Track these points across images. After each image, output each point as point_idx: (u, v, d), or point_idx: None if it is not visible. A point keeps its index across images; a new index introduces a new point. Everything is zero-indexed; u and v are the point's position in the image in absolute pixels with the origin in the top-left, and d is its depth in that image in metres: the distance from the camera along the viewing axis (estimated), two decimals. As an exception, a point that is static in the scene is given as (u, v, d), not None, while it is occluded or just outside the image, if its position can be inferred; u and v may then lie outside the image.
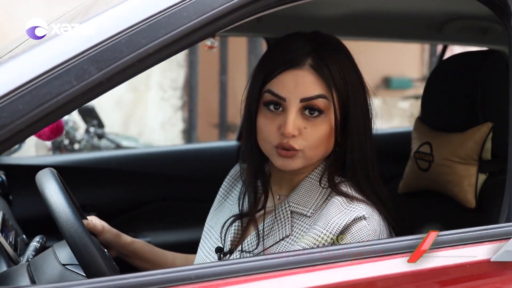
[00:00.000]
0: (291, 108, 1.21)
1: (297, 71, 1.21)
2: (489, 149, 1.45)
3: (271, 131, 1.23)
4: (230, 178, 1.45)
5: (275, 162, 1.25)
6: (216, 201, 1.45)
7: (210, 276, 0.94)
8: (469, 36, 2.22)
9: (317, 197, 1.26)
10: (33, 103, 0.91)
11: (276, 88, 1.22)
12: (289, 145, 1.21)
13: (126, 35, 0.97)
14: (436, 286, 1.01)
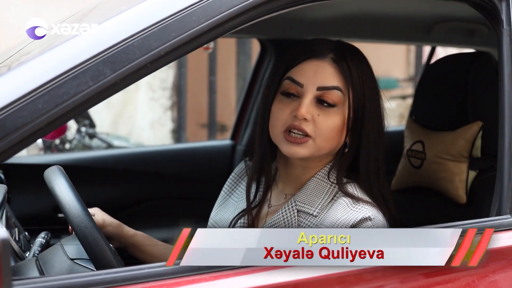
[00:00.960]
0: (307, 94, 1.24)
1: (318, 61, 1.26)
2: (479, 147, 1.51)
3: (283, 115, 1.25)
4: (235, 175, 1.46)
5: (282, 148, 1.26)
6: (221, 197, 1.46)
7: (218, 267, 0.99)
8: (457, 38, 2.29)
9: (324, 196, 1.27)
10: (51, 103, 0.96)
11: (296, 75, 1.26)
12: (300, 127, 1.23)
13: (138, 38, 1.02)
14: (422, 277, 1.06)
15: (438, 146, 1.57)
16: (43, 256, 1.33)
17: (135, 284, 0.95)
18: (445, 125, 1.59)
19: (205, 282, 0.98)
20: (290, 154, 1.25)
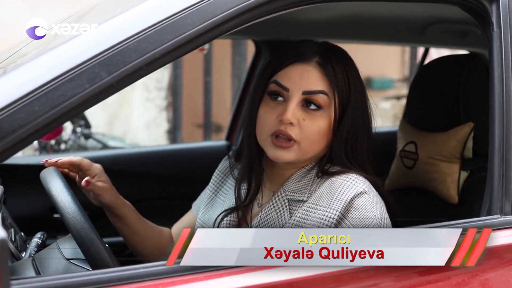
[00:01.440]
0: (293, 98, 1.26)
1: (304, 65, 1.28)
2: (470, 148, 1.53)
3: (270, 119, 1.27)
4: (219, 173, 1.46)
5: (269, 153, 1.28)
6: (207, 197, 1.46)
7: (214, 266, 1.00)
8: (450, 39, 2.31)
9: (311, 183, 1.28)
10: (48, 105, 0.97)
11: (282, 79, 1.28)
12: (286, 132, 1.24)
13: (134, 40, 1.03)
14: (416, 276, 1.08)
15: (431, 147, 1.59)
16: (40, 256, 1.34)
17: (131, 284, 0.96)
18: (437, 126, 1.61)
19: (200, 281, 0.99)
20: (276, 158, 1.27)
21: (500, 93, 1.21)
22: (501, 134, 1.19)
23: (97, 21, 1.09)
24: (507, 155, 1.18)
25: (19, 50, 1.34)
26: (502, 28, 1.23)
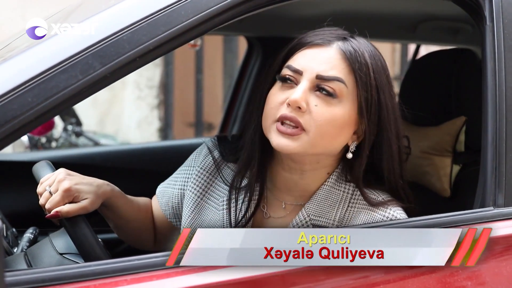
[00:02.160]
0: (305, 80, 1.12)
1: (322, 48, 1.14)
2: (462, 142, 1.54)
3: (277, 102, 1.13)
4: (204, 172, 1.28)
5: (272, 141, 1.13)
6: (191, 201, 1.28)
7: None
8: (441, 36, 2.33)
9: (339, 205, 1.18)
10: (41, 96, 0.97)
11: (295, 62, 1.15)
12: (292, 117, 1.10)
13: (127, 32, 1.03)
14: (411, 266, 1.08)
15: (423, 141, 1.59)
16: (32, 250, 1.34)
17: (125, 275, 0.96)
18: (430, 121, 1.62)
19: (192, 274, 0.99)
20: (278, 147, 1.12)
21: (493, 87, 1.22)
22: (494, 128, 1.20)
23: (88, 15, 1.09)
24: (499, 148, 1.19)
25: (10, 43, 1.34)
26: (494, 22, 1.24)
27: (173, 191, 1.33)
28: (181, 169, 1.34)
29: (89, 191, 1.22)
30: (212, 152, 1.28)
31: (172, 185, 1.35)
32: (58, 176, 1.21)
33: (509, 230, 1.15)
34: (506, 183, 1.17)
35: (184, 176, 1.32)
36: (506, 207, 1.16)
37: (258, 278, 1.01)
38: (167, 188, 1.36)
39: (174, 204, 1.34)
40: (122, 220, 1.35)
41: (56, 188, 1.19)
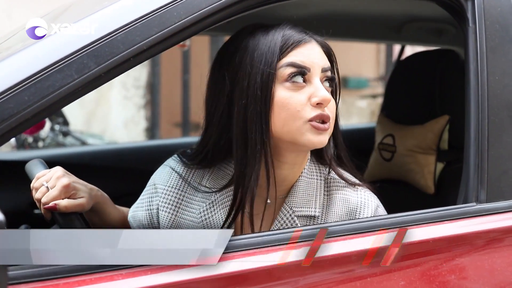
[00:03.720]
0: (316, 76, 1.17)
1: (310, 44, 1.20)
2: (446, 140, 1.58)
3: (301, 104, 1.15)
4: (172, 189, 1.27)
5: (309, 139, 1.15)
6: (166, 220, 1.27)
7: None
8: (426, 37, 2.36)
9: (316, 193, 1.22)
10: (37, 95, 0.98)
11: (299, 59, 1.17)
12: (327, 116, 1.15)
13: (122, 32, 1.05)
14: (403, 259, 1.11)
15: (408, 140, 1.63)
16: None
17: (120, 270, 0.98)
18: (414, 119, 1.65)
19: (188, 268, 1.01)
20: (319, 144, 1.16)
21: (475, 87, 1.25)
22: (476, 126, 1.24)
23: (82, 16, 1.10)
24: (482, 146, 1.22)
25: (5, 41, 1.35)
26: (477, 24, 1.28)
27: (142, 214, 1.33)
28: (145, 191, 1.35)
29: (85, 191, 1.24)
30: (175, 169, 1.28)
31: (140, 208, 1.34)
32: (56, 173, 1.22)
33: (491, 225, 1.19)
34: (488, 179, 1.21)
35: (148, 197, 1.32)
36: (488, 202, 1.20)
37: (245, 273, 1.03)
38: (136, 212, 1.36)
39: (145, 226, 1.34)
40: (108, 227, 1.36)
41: (54, 184, 1.20)
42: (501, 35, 1.28)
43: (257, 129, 1.16)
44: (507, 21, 1.29)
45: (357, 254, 1.09)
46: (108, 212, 1.34)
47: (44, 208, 1.19)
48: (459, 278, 1.13)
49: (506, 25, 1.29)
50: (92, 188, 1.29)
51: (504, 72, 1.26)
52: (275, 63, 1.16)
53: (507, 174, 1.23)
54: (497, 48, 1.27)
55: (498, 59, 1.26)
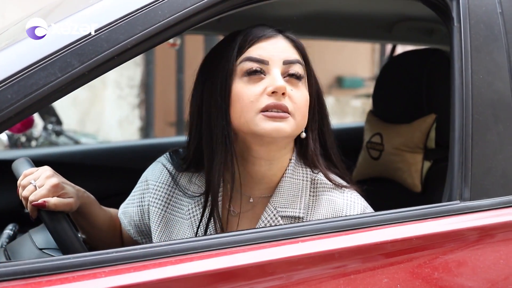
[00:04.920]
0: (275, 68, 1.18)
1: (274, 39, 1.22)
2: (433, 139, 1.59)
3: (254, 94, 1.16)
4: (163, 185, 1.29)
5: (263, 128, 1.14)
6: (156, 215, 1.29)
7: (184, 250, 1.03)
8: (417, 37, 2.38)
9: (301, 193, 1.23)
10: (21, 93, 0.98)
11: (257, 53, 1.19)
12: (280, 105, 1.14)
13: (106, 31, 1.05)
14: (381, 258, 1.12)
15: (396, 138, 1.64)
16: (12, 246, 1.35)
17: (103, 267, 0.98)
18: (402, 118, 1.66)
19: (171, 265, 1.01)
20: (276, 132, 1.15)
21: (460, 85, 1.26)
22: (461, 125, 1.24)
23: (67, 14, 1.10)
24: (466, 144, 1.23)
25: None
26: (462, 23, 1.29)
27: (133, 209, 1.35)
28: (136, 187, 1.37)
29: (73, 192, 1.25)
30: (166, 167, 1.30)
31: (131, 204, 1.37)
32: (45, 172, 1.22)
33: (474, 223, 1.20)
34: (472, 177, 1.21)
35: (140, 193, 1.34)
36: (472, 200, 1.21)
37: (237, 269, 1.04)
38: (127, 208, 1.38)
39: (136, 222, 1.36)
40: (95, 229, 1.37)
41: (42, 183, 1.20)
42: (486, 34, 1.29)
43: (219, 123, 1.19)
44: (491, 20, 1.30)
45: (341, 252, 1.10)
46: (94, 214, 1.35)
47: (33, 205, 1.19)
48: (442, 275, 1.13)
49: (490, 25, 1.29)
50: (79, 189, 1.30)
51: (489, 71, 1.27)
52: (234, 59, 1.20)
53: (490, 172, 1.23)
54: (481, 47, 1.28)
55: (483, 58, 1.27)
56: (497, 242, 1.20)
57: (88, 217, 1.34)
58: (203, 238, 1.08)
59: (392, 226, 1.15)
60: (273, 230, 1.09)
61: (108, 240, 1.41)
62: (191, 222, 1.26)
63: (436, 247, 1.14)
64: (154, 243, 1.03)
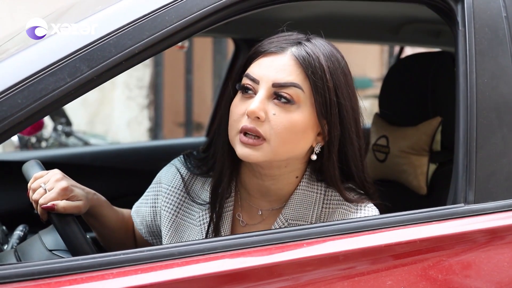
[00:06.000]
0: (261, 89, 1.15)
1: (276, 55, 1.16)
2: (438, 141, 1.60)
3: (238, 114, 1.16)
4: (175, 190, 1.30)
5: (237, 152, 1.16)
6: (167, 219, 1.30)
7: (191, 252, 1.04)
8: (424, 38, 2.38)
9: (314, 206, 1.22)
10: (30, 98, 1.00)
11: (252, 71, 1.17)
12: (251, 128, 1.12)
13: (114, 36, 1.07)
14: (386, 260, 1.13)
15: (402, 141, 1.65)
16: (22, 247, 1.37)
17: (111, 269, 1.00)
18: (407, 121, 1.67)
19: (178, 267, 1.03)
20: (242, 157, 1.15)
21: (464, 89, 1.27)
22: (465, 128, 1.25)
23: (76, 20, 1.12)
24: (470, 147, 1.24)
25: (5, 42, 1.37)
26: (466, 27, 1.29)
27: (146, 210, 1.37)
28: (150, 187, 1.38)
29: (82, 195, 1.26)
30: (180, 171, 1.30)
31: (144, 204, 1.38)
32: (55, 175, 1.24)
33: (478, 225, 1.21)
34: (476, 180, 1.22)
35: (153, 194, 1.35)
36: (476, 203, 1.21)
37: (245, 270, 1.05)
38: (140, 208, 1.39)
39: (148, 222, 1.37)
40: (106, 229, 1.39)
41: (52, 186, 1.21)
42: (490, 38, 1.29)
43: (222, 132, 1.22)
44: (496, 24, 1.30)
45: (346, 254, 1.11)
46: (104, 215, 1.37)
47: (42, 208, 1.20)
48: (446, 278, 1.14)
49: (495, 28, 1.30)
50: (89, 192, 1.31)
51: (493, 74, 1.27)
52: (240, 73, 1.21)
53: (495, 175, 1.24)
54: (486, 51, 1.28)
55: (487, 61, 1.28)
56: (502, 244, 1.21)
57: (99, 218, 1.36)
58: (209, 240, 1.10)
59: (396, 228, 1.16)
60: (279, 232, 1.11)
61: (120, 240, 1.42)
62: (201, 229, 1.28)
63: (440, 249, 1.15)
64: (161, 245, 1.04)
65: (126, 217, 1.44)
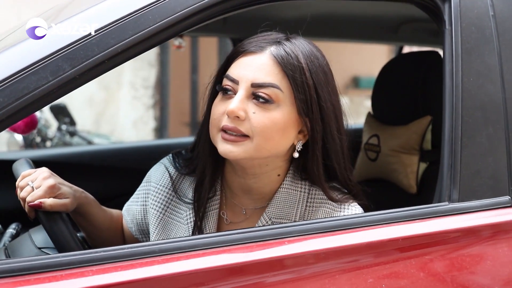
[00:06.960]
0: (241, 89, 1.16)
1: (255, 55, 1.18)
2: (429, 140, 1.59)
3: (219, 113, 1.18)
4: (163, 188, 1.32)
5: (218, 148, 1.18)
6: (154, 217, 1.32)
7: (172, 250, 1.05)
8: (423, 37, 2.38)
9: (297, 205, 1.23)
10: (12, 96, 1.01)
11: (232, 72, 1.19)
12: (232, 127, 1.15)
13: (97, 35, 1.08)
14: (372, 257, 1.13)
15: (392, 140, 1.65)
16: (12, 245, 1.39)
17: (90, 266, 1.00)
18: (399, 120, 1.67)
19: (158, 264, 1.04)
20: (224, 153, 1.17)
21: (450, 87, 1.27)
22: (450, 126, 1.25)
23: (62, 19, 1.13)
24: (455, 146, 1.23)
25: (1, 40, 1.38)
26: (453, 26, 1.29)
27: (136, 208, 1.38)
28: (140, 186, 1.40)
29: (69, 193, 1.27)
30: (168, 170, 1.33)
31: (135, 202, 1.39)
32: (42, 173, 1.25)
33: (460, 224, 1.20)
34: (461, 179, 1.22)
35: (143, 193, 1.37)
36: (460, 202, 1.21)
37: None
38: (131, 206, 1.41)
39: (138, 220, 1.38)
40: (94, 229, 1.40)
41: (39, 184, 1.23)
42: (477, 37, 1.29)
43: (204, 132, 1.24)
44: (483, 23, 1.30)
45: (327, 252, 1.11)
46: (92, 213, 1.38)
47: (29, 206, 1.22)
48: (427, 276, 1.14)
49: (481, 27, 1.30)
50: (77, 190, 1.32)
51: (479, 73, 1.27)
52: (221, 73, 1.23)
53: (480, 174, 1.24)
54: (472, 49, 1.28)
55: (473, 60, 1.27)
56: (485, 244, 1.20)
57: (87, 216, 1.37)
58: (190, 238, 1.11)
59: (379, 227, 1.16)
60: (261, 230, 1.11)
61: (109, 239, 1.43)
62: (188, 227, 1.29)
63: (422, 247, 1.15)
64: (141, 242, 1.05)
65: (115, 217, 1.46)
